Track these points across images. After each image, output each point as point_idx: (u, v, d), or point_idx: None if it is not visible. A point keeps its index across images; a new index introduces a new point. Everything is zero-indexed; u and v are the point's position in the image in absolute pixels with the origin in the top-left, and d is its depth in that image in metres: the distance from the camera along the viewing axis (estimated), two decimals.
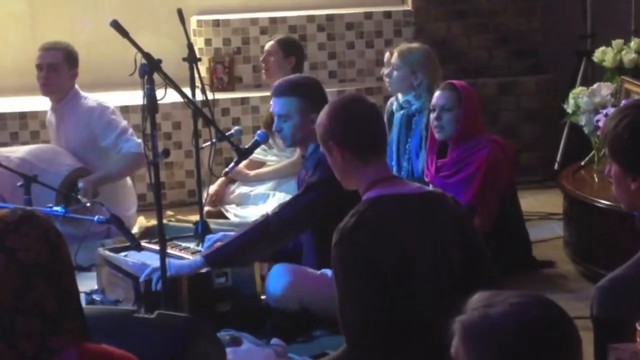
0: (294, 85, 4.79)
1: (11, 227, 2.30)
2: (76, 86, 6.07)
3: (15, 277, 2.26)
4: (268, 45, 6.49)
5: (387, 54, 6.11)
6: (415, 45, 5.94)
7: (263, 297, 4.73)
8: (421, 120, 5.65)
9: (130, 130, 6.04)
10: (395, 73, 5.79)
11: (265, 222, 4.56)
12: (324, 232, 3.38)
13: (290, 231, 4.65)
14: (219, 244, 4.70)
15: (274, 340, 4.22)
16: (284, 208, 4.59)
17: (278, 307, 4.58)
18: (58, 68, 5.98)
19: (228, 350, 3.79)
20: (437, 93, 5.35)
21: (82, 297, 4.64)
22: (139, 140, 5.91)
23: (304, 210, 4.57)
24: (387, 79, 5.91)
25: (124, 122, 6.05)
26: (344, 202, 3.48)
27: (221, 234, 4.88)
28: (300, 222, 4.62)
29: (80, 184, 5.66)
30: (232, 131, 5.31)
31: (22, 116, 7.03)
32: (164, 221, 4.37)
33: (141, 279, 4.44)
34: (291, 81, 4.86)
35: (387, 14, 7.64)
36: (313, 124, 4.58)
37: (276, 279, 4.59)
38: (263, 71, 6.51)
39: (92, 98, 6.09)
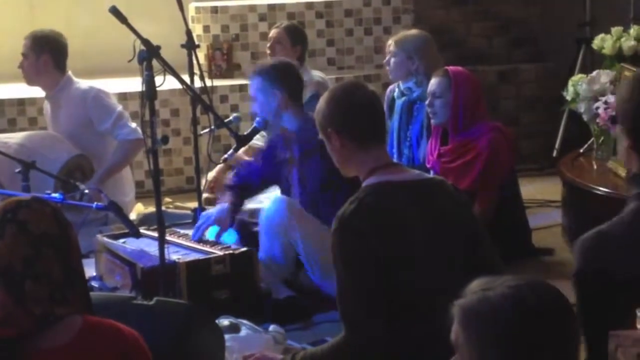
0: (258, 67, 5.12)
1: (23, 203, 2.51)
2: (69, 73, 6.04)
3: (25, 246, 2.45)
4: (275, 32, 6.42)
5: (388, 42, 6.10)
6: (411, 31, 5.95)
7: (262, 284, 4.74)
8: (422, 108, 5.64)
9: (127, 115, 6.02)
10: (392, 60, 5.79)
11: None
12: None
13: None
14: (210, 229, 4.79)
15: (273, 327, 4.22)
16: None
17: (265, 231, 4.75)
18: (26, 56, 5.98)
19: (227, 336, 3.78)
20: (432, 80, 5.36)
21: None
22: (134, 125, 5.91)
23: None
24: (387, 67, 5.91)
25: (119, 107, 6.03)
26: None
27: (201, 215, 4.92)
28: None
29: (84, 187, 5.60)
30: (231, 118, 5.31)
31: (20, 102, 7.02)
32: (163, 208, 4.37)
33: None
34: (258, 64, 5.27)
35: (386, 1, 7.63)
36: (275, 99, 4.93)
37: (274, 207, 4.78)
38: (269, 58, 6.46)
39: (84, 82, 6.07)
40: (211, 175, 6.27)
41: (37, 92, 6.35)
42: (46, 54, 5.94)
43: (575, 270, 2.76)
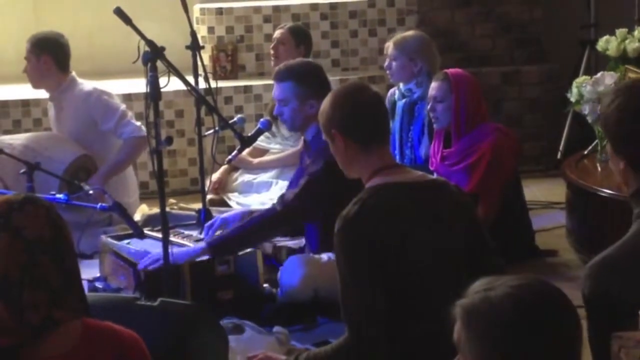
0: (291, 70, 4.84)
1: (16, 206, 2.40)
2: (73, 73, 6.04)
3: (21, 253, 2.35)
4: (279, 33, 6.45)
5: (386, 45, 6.11)
6: (410, 33, 5.95)
7: (265, 285, 4.74)
8: (423, 108, 5.65)
9: (130, 114, 6.03)
10: (394, 64, 5.79)
11: (272, 213, 4.59)
12: (330, 216, 3.38)
13: (295, 224, 4.69)
14: (219, 232, 4.72)
15: (276, 328, 4.22)
16: (290, 201, 4.60)
17: (290, 297, 4.59)
18: (29, 60, 5.99)
19: (230, 338, 3.78)
20: (432, 84, 5.36)
21: (85, 284, 4.67)
22: (139, 124, 5.92)
23: (310, 200, 4.58)
24: (387, 71, 5.91)
25: (123, 106, 6.04)
26: (349, 188, 3.48)
27: (219, 218, 4.88)
28: (307, 215, 4.65)
29: (88, 188, 5.62)
30: (235, 119, 5.31)
31: (25, 104, 7.03)
32: (167, 209, 4.38)
33: (140, 267, 4.46)
34: (289, 66, 4.90)
35: (391, 2, 7.63)
36: (312, 109, 4.66)
37: (291, 271, 4.62)
38: (272, 59, 6.48)
39: (88, 83, 6.07)
40: (215, 176, 6.28)
41: (42, 93, 6.37)
42: (46, 54, 5.94)
43: (585, 297, 2.75)
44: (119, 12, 4.26)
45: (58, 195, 4.80)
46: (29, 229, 2.37)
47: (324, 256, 4.64)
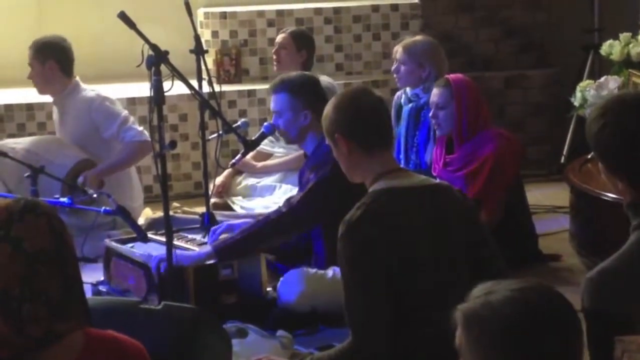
0: (285, 82, 4.87)
1: (16, 216, 2.32)
2: (77, 78, 6.05)
3: (21, 266, 2.28)
4: (280, 37, 6.46)
5: (395, 49, 6.10)
6: (419, 37, 5.93)
7: (269, 289, 4.75)
8: (429, 113, 5.65)
9: (132, 119, 6.04)
10: (402, 68, 5.78)
11: (277, 218, 4.58)
12: (335, 226, 3.37)
13: (301, 227, 4.69)
14: (224, 236, 4.72)
15: (280, 332, 4.23)
16: (296, 203, 4.60)
17: (288, 312, 4.59)
18: (33, 66, 6.00)
19: (234, 341, 3.79)
20: (433, 90, 5.36)
21: (89, 288, 4.69)
22: (141, 128, 5.92)
23: (317, 201, 4.58)
24: (395, 75, 5.90)
25: (125, 112, 6.04)
26: (354, 196, 3.48)
27: (225, 224, 4.88)
28: (313, 218, 4.64)
29: (80, 179, 5.64)
30: (239, 123, 5.31)
31: (29, 107, 7.04)
32: (170, 213, 4.38)
33: (154, 270, 4.47)
34: (284, 78, 4.92)
35: (394, 7, 7.63)
36: (306, 120, 4.72)
37: (289, 287, 4.62)
38: (274, 63, 6.49)
39: (91, 89, 6.08)
40: (219, 180, 6.28)
41: (46, 97, 6.39)
42: (50, 59, 5.95)
43: (585, 311, 2.75)
44: (123, 17, 4.27)
45: (62, 199, 4.81)
46: (30, 240, 2.29)
47: (330, 272, 4.63)
